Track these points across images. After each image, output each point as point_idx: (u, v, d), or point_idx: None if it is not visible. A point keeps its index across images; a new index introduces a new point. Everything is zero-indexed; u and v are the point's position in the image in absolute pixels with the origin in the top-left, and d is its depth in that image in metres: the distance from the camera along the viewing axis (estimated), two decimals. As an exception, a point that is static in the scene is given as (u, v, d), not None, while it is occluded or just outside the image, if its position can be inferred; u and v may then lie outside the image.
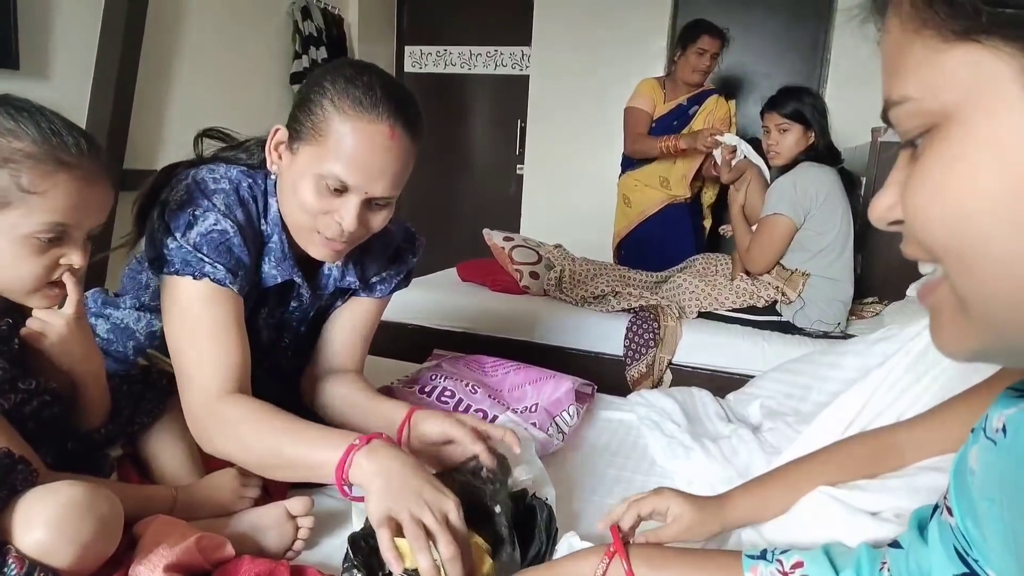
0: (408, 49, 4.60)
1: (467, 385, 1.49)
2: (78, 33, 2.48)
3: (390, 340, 2.59)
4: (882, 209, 0.43)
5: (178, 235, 0.96)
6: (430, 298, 2.63)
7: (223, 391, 0.96)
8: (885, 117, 0.42)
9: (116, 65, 2.51)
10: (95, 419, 0.96)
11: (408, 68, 4.61)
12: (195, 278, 0.96)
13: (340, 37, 3.99)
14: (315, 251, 1.03)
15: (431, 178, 4.68)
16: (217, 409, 0.95)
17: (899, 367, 1.07)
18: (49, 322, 0.89)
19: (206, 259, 0.96)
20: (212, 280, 0.96)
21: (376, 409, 1.13)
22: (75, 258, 0.84)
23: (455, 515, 0.81)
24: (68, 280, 0.88)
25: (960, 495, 0.52)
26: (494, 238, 2.80)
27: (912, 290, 2.53)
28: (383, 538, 0.77)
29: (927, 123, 0.39)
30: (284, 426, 0.92)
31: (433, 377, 1.51)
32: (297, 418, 0.95)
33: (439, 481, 0.85)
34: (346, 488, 0.87)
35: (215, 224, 0.97)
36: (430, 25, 4.54)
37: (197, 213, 0.97)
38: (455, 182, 4.66)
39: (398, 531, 0.79)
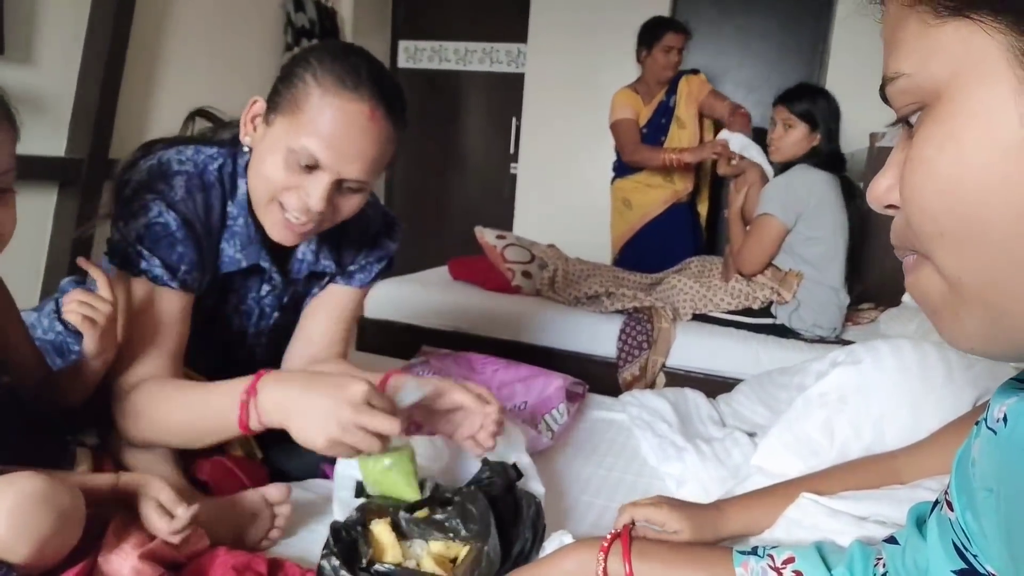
0: (402, 44, 4.57)
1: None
2: (66, 19, 2.45)
3: (378, 337, 2.57)
4: (880, 190, 0.44)
5: (121, 224, 0.96)
6: (420, 296, 2.60)
7: (135, 386, 0.96)
8: (883, 94, 0.42)
9: (104, 53, 2.48)
10: (78, 399, 0.95)
11: (402, 64, 4.58)
12: (133, 274, 0.96)
13: (333, 30, 3.97)
14: (275, 232, 0.99)
15: (424, 175, 4.65)
16: (126, 404, 0.95)
17: (820, 406, 1.11)
18: (99, 307, 0.89)
19: (144, 252, 0.95)
20: (149, 278, 0.96)
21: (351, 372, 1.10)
22: None
23: (371, 395, 0.83)
24: (86, 264, 0.89)
25: (961, 488, 0.52)
26: (486, 236, 2.77)
27: (907, 298, 2.53)
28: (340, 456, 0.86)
29: (920, 100, 0.39)
30: (189, 399, 0.93)
31: (420, 373, 1.49)
32: (200, 385, 0.96)
33: (350, 375, 0.87)
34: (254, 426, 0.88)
35: (157, 216, 0.96)
36: (425, 19, 4.51)
37: (142, 203, 0.96)
38: (448, 180, 4.64)
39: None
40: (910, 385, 1.04)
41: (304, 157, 0.92)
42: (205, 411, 0.91)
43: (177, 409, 0.93)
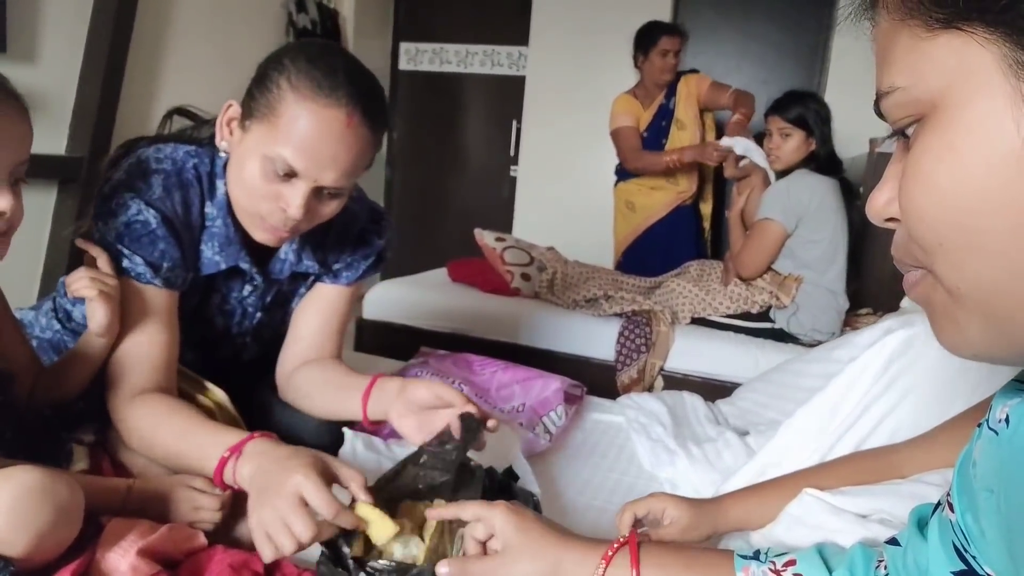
0: (403, 46, 4.57)
1: (454, 382, 1.47)
2: (68, 18, 2.44)
3: (377, 338, 2.57)
4: (879, 204, 0.44)
5: (100, 224, 0.96)
6: (419, 297, 2.60)
7: (135, 392, 0.95)
8: (877, 109, 0.42)
9: (105, 52, 2.48)
10: (76, 389, 0.95)
11: (403, 66, 4.58)
12: (116, 274, 0.95)
13: (335, 31, 3.97)
14: (258, 235, 0.99)
15: (424, 177, 4.65)
16: (126, 412, 0.95)
17: (866, 376, 1.07)
18: (108, 282, 0.89)
19: (125, 251, 0.95)
20: (131, 276, 0.96)
21: (351, 383, 1.08)
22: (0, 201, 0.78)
23: (312, 492, 0.75)
24: (86, 245, 0.89)
25: (962, 490, 0.52)
26: (486, 238, 2.77)
27: (907, 302, 2.53)
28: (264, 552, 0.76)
29: (916, 112, 0.39)
30: (182, 428, 0.92)
31: (419, 373, 1.49)
32: (198, 419, 0.93)
33: (302, 461, 0.79)
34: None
35: (137, 215, 0.95)
36: (426, 21, 4.51)
37: (121, 201, 0.95)
38: (448, 182, 4.64)
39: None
40: (950, 362, 1.02)
41: (280, 166, 0.90)
42: (190, 447, 0.90)
43: (166, 433, 0.92)
